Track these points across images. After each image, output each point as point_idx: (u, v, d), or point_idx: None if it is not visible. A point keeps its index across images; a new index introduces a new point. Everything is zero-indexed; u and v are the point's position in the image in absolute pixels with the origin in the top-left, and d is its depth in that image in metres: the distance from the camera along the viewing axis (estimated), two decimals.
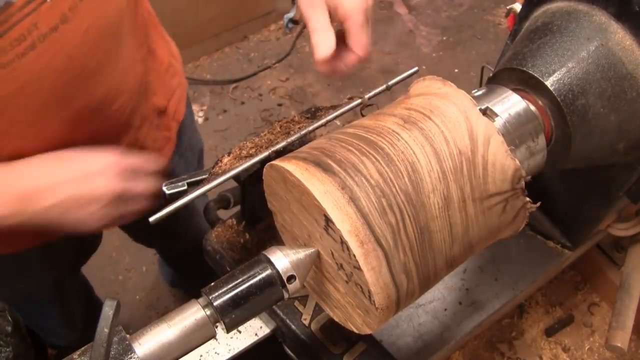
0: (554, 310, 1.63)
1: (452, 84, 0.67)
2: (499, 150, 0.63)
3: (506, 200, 0.65)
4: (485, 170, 0.63)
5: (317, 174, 0.58)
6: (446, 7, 3.00)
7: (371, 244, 0.56)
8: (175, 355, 0.60)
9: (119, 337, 0.58)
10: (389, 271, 0.58)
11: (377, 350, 0.81)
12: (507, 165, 0.64)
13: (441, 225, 0.61)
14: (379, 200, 0.57)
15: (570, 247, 1.02)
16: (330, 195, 0.56)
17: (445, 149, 0.61)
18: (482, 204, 0.63)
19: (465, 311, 0.95)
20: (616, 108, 0.72)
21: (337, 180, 0.57)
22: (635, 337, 1.55)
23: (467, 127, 0.63)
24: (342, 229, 0.55)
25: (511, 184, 0.65)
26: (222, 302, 0.59)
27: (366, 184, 0.57)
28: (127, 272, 1.99)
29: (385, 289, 0.58)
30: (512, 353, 1.57)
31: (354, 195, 0.56)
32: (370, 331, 0.65)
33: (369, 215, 0.56)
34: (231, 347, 0.86)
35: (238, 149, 0.76)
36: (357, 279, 0.59)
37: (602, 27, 0.72)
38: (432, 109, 0.64)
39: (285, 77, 2.66)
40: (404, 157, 0.60)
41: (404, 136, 0.61)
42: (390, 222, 0.57)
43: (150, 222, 0.65)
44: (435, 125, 0.63)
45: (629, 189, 0.84)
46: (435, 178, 0.60)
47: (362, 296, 0.60)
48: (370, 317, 0.62)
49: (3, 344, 1.39)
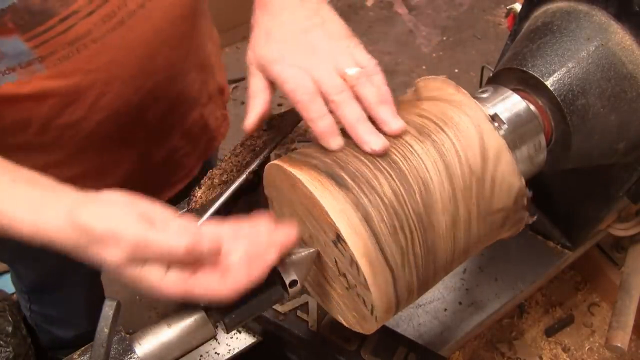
0: (554, 310, 1.63)
1: (465, 91, 0.65)
2: (508, 169, 0.63)
3: (507, 215, 0.66)
4: (492, 189, 0.63)
5: (330, 188, 0.56)
6: (446, 7, 3.00)
7: (381, 266, 0.57)
8: (175, 355, 0.60)
9: (119, 337, 0.59)
10: (394, 290, 0.59)
11: (391, 337, 0.81)
12: (514, 184, 0.64)
13: (446, 244, 0.62)
14: (391, 221, 0.57)
15: (570, 247, 1.02)
16: (344, 214, 0.55)
17: (457, 167, 0.61)
18: (484, 220, 0.64)
19: (465, 311, 0.95)
20: (616, 108, 0.72)
21: (350, 197, 0.56)
22: (635, 337, 1.55)
23: (479, 144, 0.62)
24: (354, 251, 0.55)
25: (514, 201, 0.65)
26: (222, 302, 0.59)
27: (380, 202, 0.57)
28: None
29: (387, 304, 0.59)
30: (512, 353, 1.57)
31: (367, 215, 0.56)
32: (363, 332, 0.66)
33: (381, 236, 0.56)
34: (231, 347, 0.86)
35: (208, 179, 0.75)
36: (361, 292, 0.59)
37: (602, 27, 0.72)
38: (445, 119, 0.63)
39: None
40: (417, 174, 0.59)
41: (417, 149, 0.60)
42: (400, 243, 0.58)
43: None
44: (449, 138, 0.62)
45: (629, 189, 0.84)
46: (446, 198, 0.60)
47: (363, 306, 0.61)
48: (367, 322, 0.63)
49: (3, 344, 1.39)
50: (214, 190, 0.73)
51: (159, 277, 0.53)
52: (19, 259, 1.14)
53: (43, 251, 1.09)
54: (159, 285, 0.53)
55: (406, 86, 0.74)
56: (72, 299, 1.26)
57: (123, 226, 0.53)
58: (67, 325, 1.35)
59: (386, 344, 0.79)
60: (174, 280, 0.53)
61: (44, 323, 1.37)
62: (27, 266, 1.16)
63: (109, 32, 0.72)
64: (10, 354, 1.39)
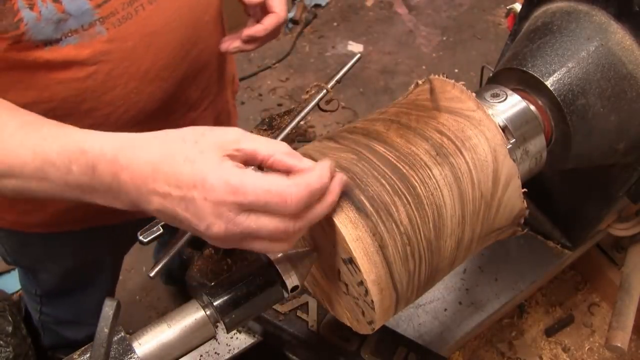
0: (554, 310, 1.63)
1: (484, 109, 0.65)
2: (514, 194, 0.65)
3: (502, 231, 0.68)
4: (497, 211, 0.65)
5: (350, 215, 0.56)
6: (446, 7, 3.00)
7: (388, 290, 0.58)
8: (175, 355, 0.60)
9: (119, 337, 0.58)
10: (396, 308, 0.61)
11: (392, 337, 0.81)
12: (516, 206, 0.66)
13: (448, 263, 0.64)
14: (404, 248, 0.58)
15: (570, 247, 1.02)
16: (362, 242, 0.56)
17: (470, 192, 0.62)
18: (483, 239, 0.66)
19: (465, 311, 0.95)
20: (616, 108, 0.72)
21: (369, 224, 0.56)
22: (635, 337, 1.55)
23: (492, 169, 0.63)
24: (367, 279, 0.56)
25: (512, 221, 0.67)
26: (222, 302, 0.59)
27: (395, 230, 0.57)
28: (127, 272, 1.99)
29: (386, 318, 0.62)
30: (512, 353, 1.57)
31: (383, 243, 0.56)
32: (354, 330, 0.67)
33: (393, 264, 0.57)
34: (231, 347, 0.86)
35: None
36: (363, 306, 0.60)
37: (602, 27, 0.72)
38: (464, 139, 0.63)
39: (285, 77, 2.66)
40: (433, 200, 0.60)
41: (435, 173, 0.61)
42: (409, 269, 0.59)
43: (150, 277, 0.65)
44: (465, 163, 0.62)
45: (629, 189, 0.84)
46: (455, 223, 0.61)
47: (360, 315, 0.62)
48: (360, 326, 0.65)
49: (3, 344, 1.39)
50: None
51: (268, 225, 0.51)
52: (40, 263, 1.13)
53: (64, 255, 1.08)
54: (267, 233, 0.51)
55: (406, 86, 0.74)
56: (90, 299, 1.26)
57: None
58: (79, 327, 1.35)
59: (386, 344, 0.79)
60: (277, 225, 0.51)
61: (54, 324, 1.37)
62: (48, 270, 1.16)
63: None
64: (10, 354, 1.39)
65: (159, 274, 0.66)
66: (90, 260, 1.13)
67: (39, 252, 1.07)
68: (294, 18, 2.98)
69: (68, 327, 1.37)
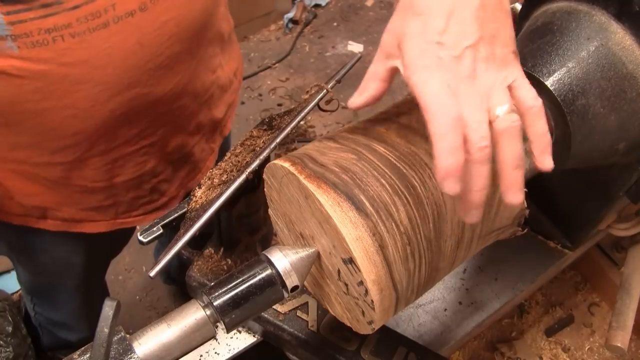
0: (554, 310, 1.63)
1: None
2: None
3: (502, 232, 0.68)
4: (497, 211, 0.64)
5: (350, 214, 0.56)
6: None
7: (388, 290, 0.58)
8: (175, 355, 0.60)
9: (119, 337, 0.58)
10: (396, 308, 0.61)
11: (391, 337, 0.81)
12: (516, 206, 0.65)
13: (448, 263, 0.63)
14: (404, 248, 0.58)
15: (570, 247, 1.02)
16: (362, 242, 0.56)
17: None
18: (483, 239, 0.66)
19: (465, 311, 0.95)
20: (616, 108, 0.72)
21: (369, 224, 0.56)
22: (635, 337, 1.55)
23: (493, 169, 0.63)
24: (367, 278, 0.56)
25: (512, 221, 0.67)
26: (222, 302, 0.59)
27: (395, 230, 0.57)
28: (127, 272, 1.99)
29: (386, 319, 0.62)
30: (512, 353, 1.57)
31: (383, 243, 0.56)
32: (353, 329, 0.67)
33: (393, 264, 0.57)
34: (231, 347, 0.86)
35: (208, 179, 0.74)
36: (363, 306, 0.60)
37: (602, 27, 0.72)
38: None
39: (285, 77, 2.67)
40: (433, 200, 0.59)
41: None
42: (408, 268, 0.59)
43: (151, 277, 0.65)
44: None
45: (629, 189, 0.84)
46: (455, 223, 0.61)
47: (360, 315, 0.62)
48: (360, 326, 0.64)
49: (3, 344, 1.40)
50: (214, 190, 0.73)
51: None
52: (15, 254, 1.13)
53: (35, 250, 1.07)
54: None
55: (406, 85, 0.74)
56: (69, 304, 1.26)
57: None
58: (68, 329, 1.35)
59: (386, 344, 0.80)
60: None
61: (48, 325, 1.37)
62: (22, 263, 1.16)
63: (90, 31, 0.70)
64: (10, 354, 1.39)
65: (159, 274, 0.66)
66: (60, 264, 1.12)
67: (12, 241, 1.07)
68: (294, 18, 2.98)
69: (61, 329, 1.37)
